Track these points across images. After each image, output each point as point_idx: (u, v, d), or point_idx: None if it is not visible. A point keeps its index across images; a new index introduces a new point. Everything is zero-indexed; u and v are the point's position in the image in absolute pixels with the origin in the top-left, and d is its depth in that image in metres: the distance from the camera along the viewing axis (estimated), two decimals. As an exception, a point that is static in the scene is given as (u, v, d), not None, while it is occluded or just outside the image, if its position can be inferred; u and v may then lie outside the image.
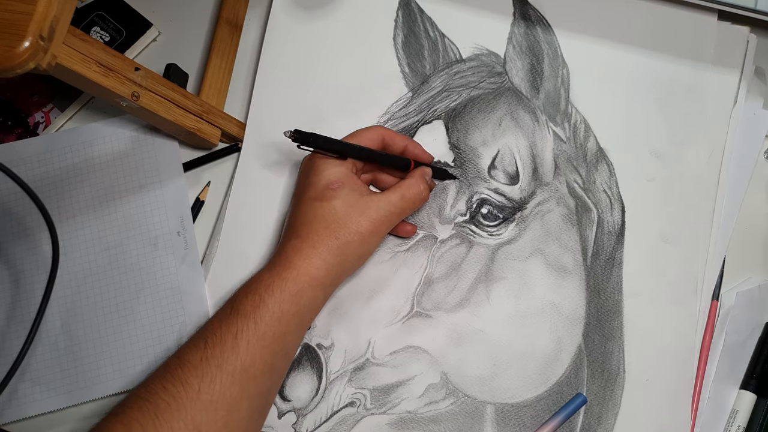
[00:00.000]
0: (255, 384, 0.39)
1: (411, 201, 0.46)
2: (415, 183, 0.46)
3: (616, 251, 0.50)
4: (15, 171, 0.43)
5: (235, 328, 0.39)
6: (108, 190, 0.52)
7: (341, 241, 0.43)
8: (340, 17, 0.55)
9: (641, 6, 0.54)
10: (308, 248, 0.42)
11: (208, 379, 0.37)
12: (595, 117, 0.53)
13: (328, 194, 0.43)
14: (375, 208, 0.44)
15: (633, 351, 0.48)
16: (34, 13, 0.34)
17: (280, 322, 0.40)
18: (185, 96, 0.49)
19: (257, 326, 0.39)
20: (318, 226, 0.43)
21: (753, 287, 0.50)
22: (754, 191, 0.52)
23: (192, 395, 0.37)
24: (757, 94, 0.53)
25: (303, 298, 0.41)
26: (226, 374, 0.38)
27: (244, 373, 0.38)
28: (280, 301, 0.40)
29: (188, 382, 0.37)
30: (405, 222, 0.50)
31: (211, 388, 0.37)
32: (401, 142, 0.48)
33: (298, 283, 0.41)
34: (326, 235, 0.42)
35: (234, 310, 0.40)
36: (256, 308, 0.40)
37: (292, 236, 0.44)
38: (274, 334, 0.40)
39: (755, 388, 0.48)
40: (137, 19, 0.57)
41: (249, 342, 0.39)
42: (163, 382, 0.37)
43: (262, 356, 0.39)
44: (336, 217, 0.43)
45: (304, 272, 0.42)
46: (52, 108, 0.56)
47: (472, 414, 0.47)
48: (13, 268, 0.51)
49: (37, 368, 0.49)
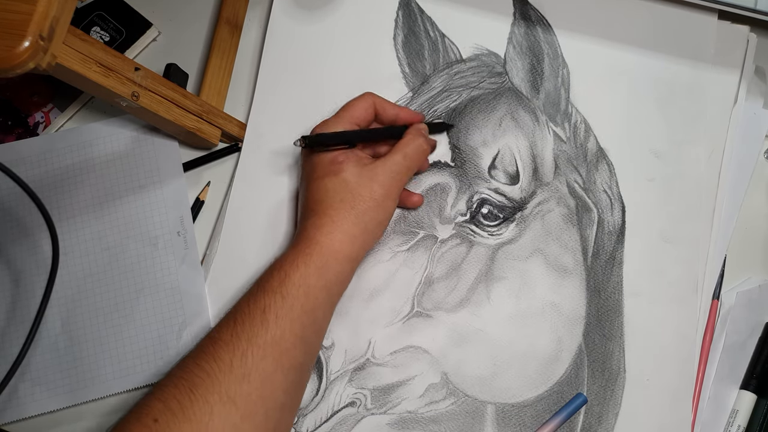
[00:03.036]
0: (287, 357, 0.40)
1: (413, 157, 0.46)
2: (411, 139, 0.47)
3: (617, 251, 0.50)
4: (15, 171, 0.43)
5: (263, 303, 0.40)
6: (108, 190, 0.52)
7: (358, 210, 0.43)
8: (340, 17, 0.55)
9: (641, 6, 0.54)
10: (329, 223, 0.43)
11: (239, 353, 0.38)
12: (595, 117, 0.53)
13: (335, 169, 0.44)
14: (382, 172, 0.45)
15: (633, 351, 0.48)
16: (34, 13, 0.34)
17: (308, 296, 0.41)
18: (185, 96, 0.49)
19: (284, 300, 0.40)
20: (332, 200, 0.44)
21: (753, 287, 0.50)
22: (754, 191, 0.52)
23: (225, 369, 0.37)
24: (757, 93, 0.53)
25: (329, 272, 0.42)
26: (257, 347, 0.38)
27: (275, 345, 0.39)
28: (306, 275, 0.41)
29: (220, 357, 0.38)
30: (411, 192, 0.50)
31: (243, 362, 0.38)
32: (391, 109, 0.49)
33: (323, 257, 0.42)
34: (342, 207, 0.43)
35: (261, 287, 0.41)
36: (282, 283, 0.41)
37: (309, 215, 0.44)
38: (302, 307, 0.41)
39: (755, 388, 0.48)
40: (137, 19, 0.57)
41: (277, 315, 0.40)
42: (197, 360, 0.38)
43: (291, 329, 0.40)
44: (348, 188, 0.44)
45: (327, 247, 0.42)
46: (52, 108, 0.56)
47: (473, 414, 0.47)
48: (13, 268, 0.51)
49: (37, 368, 0.49)
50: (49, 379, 0.49)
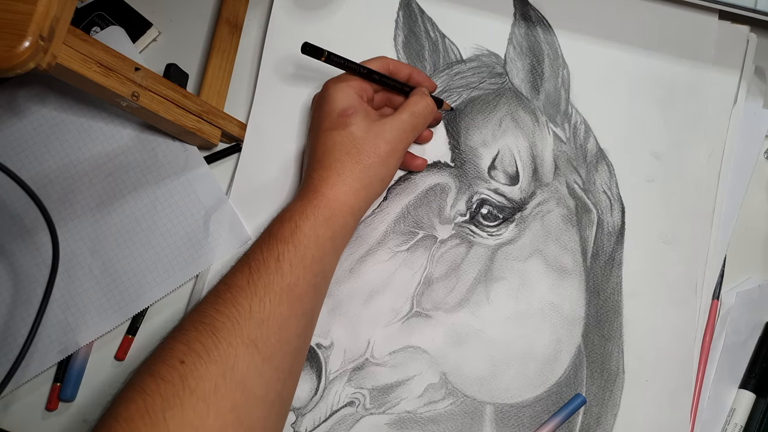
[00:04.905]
0: (300, 303, 0.41)
1: (420, 115, 0.47)
2: (419, 98, 0.48)
3: (616, 252, 0.50)
4: (15, 170, 0.43)
5: (277, 252, 0.41)
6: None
7: (363, 165, 0.45)
8: (340, 18, 0.55)
9: (642, 6, 0.54)
10: (334, 176, 0.44)
11: (257, 299, 0.39)
12: (595, 118, 0.53)
13: (343, 121, 0.45)
14: (389, 129, 0.46)
15: (632, 351, 0.48)
16: (34, 13, 0.34)
17: (317, 246, 0.42)
18: (185, 96, 0.49)
19: (297, 249, 0.42)
20: (339, 153, 0.45)
21: (753, 287, 0.50)
22: (754, 191, 0.52)
23: (245, 314, 0.39)
24: (757, 93, 0.53)
25: (336, 223, 0.44)
26: (274, 294, 0.40)
27: (290, 292, 0.41)
28: (315, 226, 0.43)
29: (239, 303, 0.39)
30: (415, 155, 0.51)
31: (261, 307, 0.39)
32: (405, 69, 0.50)
33: (330, 209, 0.43)
34: (348, 161, 0.44)
35: (272, 236, 0.42)
36: (293, 233, 0.42)
37: (316, 167, 0.45)
38: (313, 257, 0.42)
39: (754, 388, 0.48)
40: (137, 19, 0.57)
41: (291, 264, 0.41)
42: (216, 306, 0.39)
43: (304, 277, 0.41)
44: (355, 142, 0.45)
45: (333, 199, 0.44)
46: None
47: (471, 414, 0.47)
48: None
49: (81, 298, 0.50)
50: (96, 305, 0.50)
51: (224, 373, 0.37)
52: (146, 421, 0.34)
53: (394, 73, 0.50)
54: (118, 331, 0.51)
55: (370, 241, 0.50)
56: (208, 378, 0.36)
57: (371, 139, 0.45)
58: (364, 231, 0.51)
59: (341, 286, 0.49)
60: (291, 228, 0.42)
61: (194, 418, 0.35)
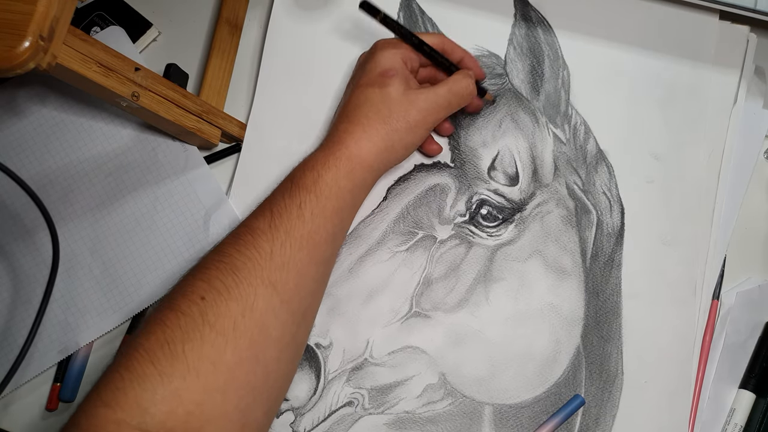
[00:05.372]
0: (319, 251, 0.42)
1: (458, 94, 0.47)
2: (461, 78, 0.48)
3: (616, 253, 0.50)
4: (15, 170, 0.43)
5: (299, 199, 0.42)
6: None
7: (389, 127, 0.45)
8: (340, 18, 0.55)
9: (642, 6, 0.54)
10: (359, 131, 0.45)
11: (278, 243, 0.40)
12: (595, 119, 0.53)
13: (381, 81, 0.46)
14: (424, 98, 0.46)
15: (631, 352, 0.48)
16: (34, 13, 0.34)
17: (338, 197, 0.43)
18: (185, 96, 0.49)
19: (318, 199, 0.42)
20: (368, 110, 0.45)
21: (753, 287, 0.50)
22: (754, 191, 0.52)
23: (265, 257, 0.39)
24: (757, 93, 0.53)
25: (356, 177, 0.44)
26: (294, 240, 0.41)
27: (309, 239, 0.41)
28: (336, 177, 0.43)
29: (260, 245, 0.40)
30: (433, 140, 0.51)
31: (282, 251, 0.40)
32: (459, 51, 0.50)
33: (351, 162, 0.44)
34: (376, 119, 0.45)
35: (294, 184, 0.43)
36: (315, 183, 0.43)
37: (344, 119, 0.46)
38: (333, 207, 0.43)
39: (754, 387, 0.48)
40: (137, 19, 0.57)
41: (312, 213, 0.42)
42: (237, 246, 0.40)
43: (324, 226, 0.42)
44: (387, 103, 0.45)
45: (355, 153, 0.44)
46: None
47: (470, 415, 0.47)
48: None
49: (81, 298, 0.51)
50: (96, 305, 0.50)
51: (243, 311, 0.37)
52: (165, 351, 0.35)
53: (447, 52, 0.49)
54: (118, 331, 0.51)
55: (370, 241, 0.50)
56: (227, 315, 0.37)
57: (404, 103, 0.45)
58: (363, 231, 0.51)
59: (340, 286, 0.49)
60: (313, 177, 0.43)
61: (212, 352, 0.36)
